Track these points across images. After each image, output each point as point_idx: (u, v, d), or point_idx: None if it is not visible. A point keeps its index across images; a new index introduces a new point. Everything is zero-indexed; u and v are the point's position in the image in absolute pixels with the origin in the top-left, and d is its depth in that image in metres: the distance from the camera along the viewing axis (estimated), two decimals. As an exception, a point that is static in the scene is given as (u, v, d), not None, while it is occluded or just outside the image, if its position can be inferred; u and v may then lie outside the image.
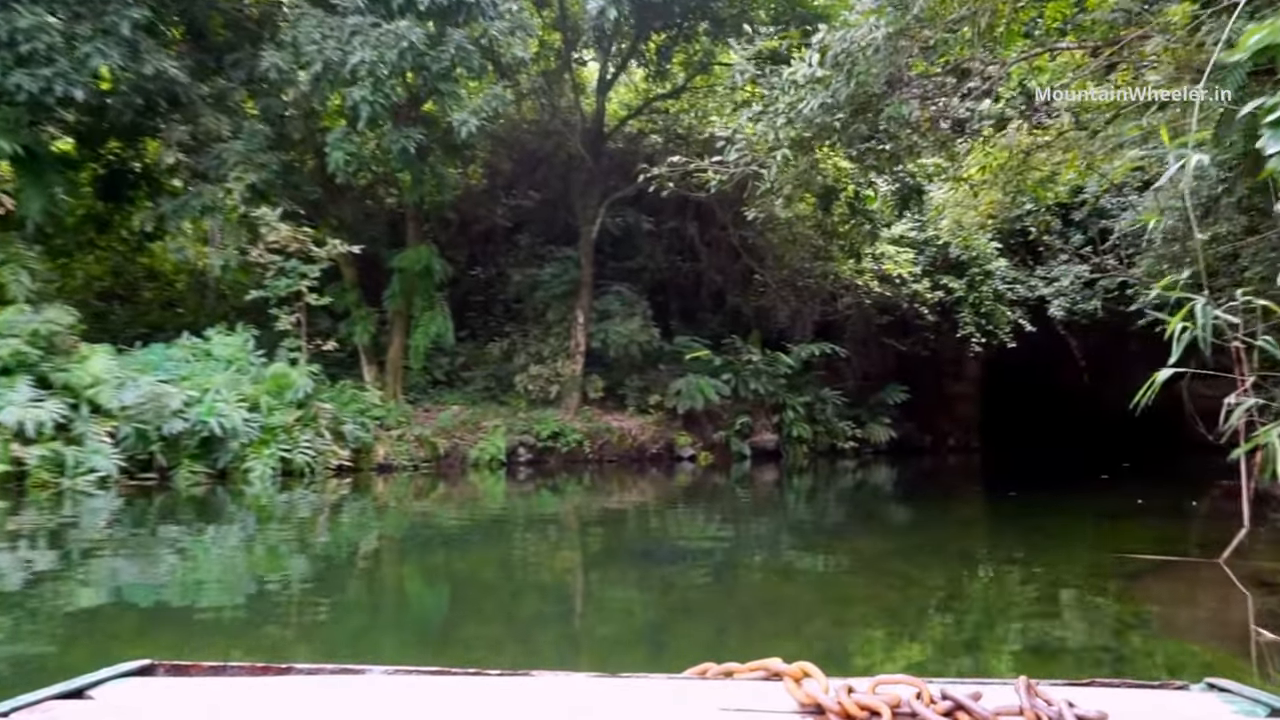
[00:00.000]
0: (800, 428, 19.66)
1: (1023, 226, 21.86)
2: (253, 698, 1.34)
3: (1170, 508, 12.19)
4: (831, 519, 12.27)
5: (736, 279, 21.21)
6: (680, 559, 8.44)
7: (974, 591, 7.01)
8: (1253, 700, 1.37)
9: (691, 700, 1.33)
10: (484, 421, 16.03)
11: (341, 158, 12.70)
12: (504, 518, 11.64)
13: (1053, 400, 27.37)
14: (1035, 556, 8.47)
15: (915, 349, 21.70)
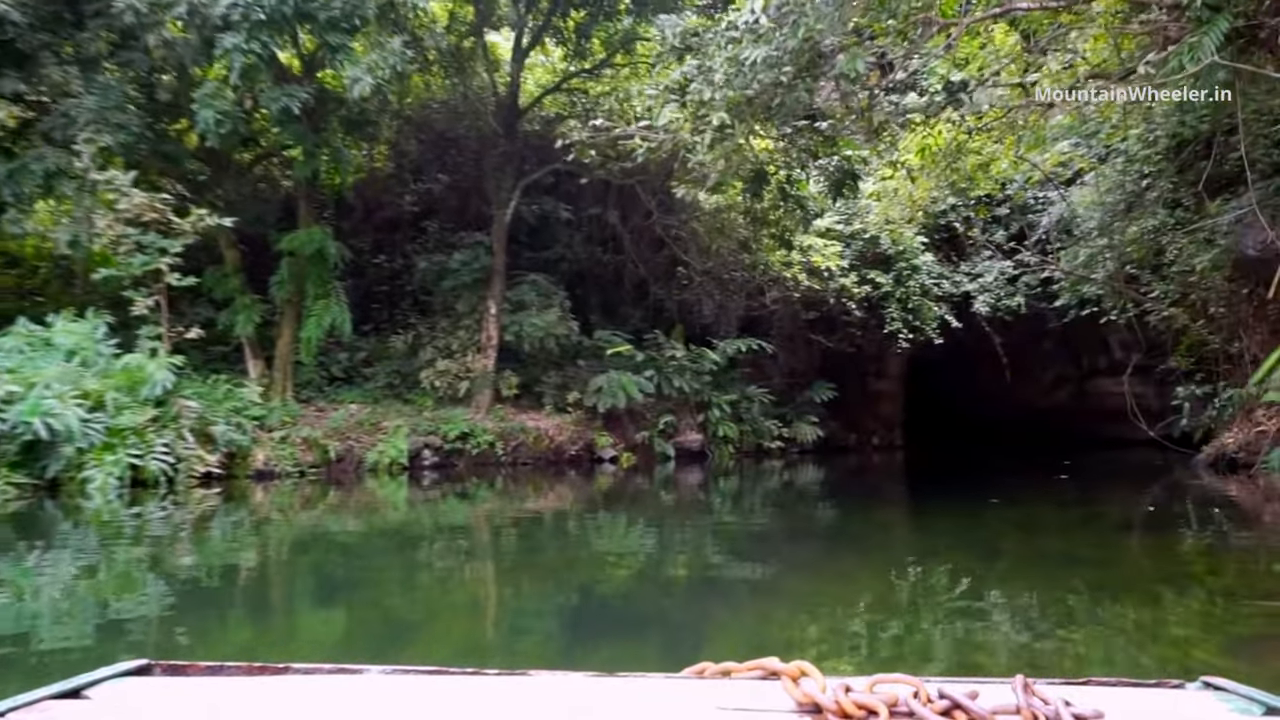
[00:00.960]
0: (726, 427, 18.32)
1: (948, 222, 21.04)
2: (250, 697, 1.29)
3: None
4: (759, 523, 10.94)
5: (660, 271, 19.76)
6: (601, 567, 7.43)
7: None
8: (1248, 699, 1.32)
9: (689, 699, 1.28)
10: (384, 422, 14.17)
11: (211, 117, 10.74)
12: (404, 529, 9.92)
13: (972, 398, 26.85)
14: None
15: (841, 345, 20.63)
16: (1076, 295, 18.02)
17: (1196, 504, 9.75)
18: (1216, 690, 1.39)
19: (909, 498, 14.46)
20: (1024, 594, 5.86)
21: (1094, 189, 17.49)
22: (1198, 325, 12.61)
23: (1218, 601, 5.49)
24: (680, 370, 18.12)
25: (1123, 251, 16.30)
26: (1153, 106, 15.85)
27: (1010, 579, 6.40)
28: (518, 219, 18.40)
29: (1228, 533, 8.08)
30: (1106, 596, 5.67)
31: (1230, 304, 11.66)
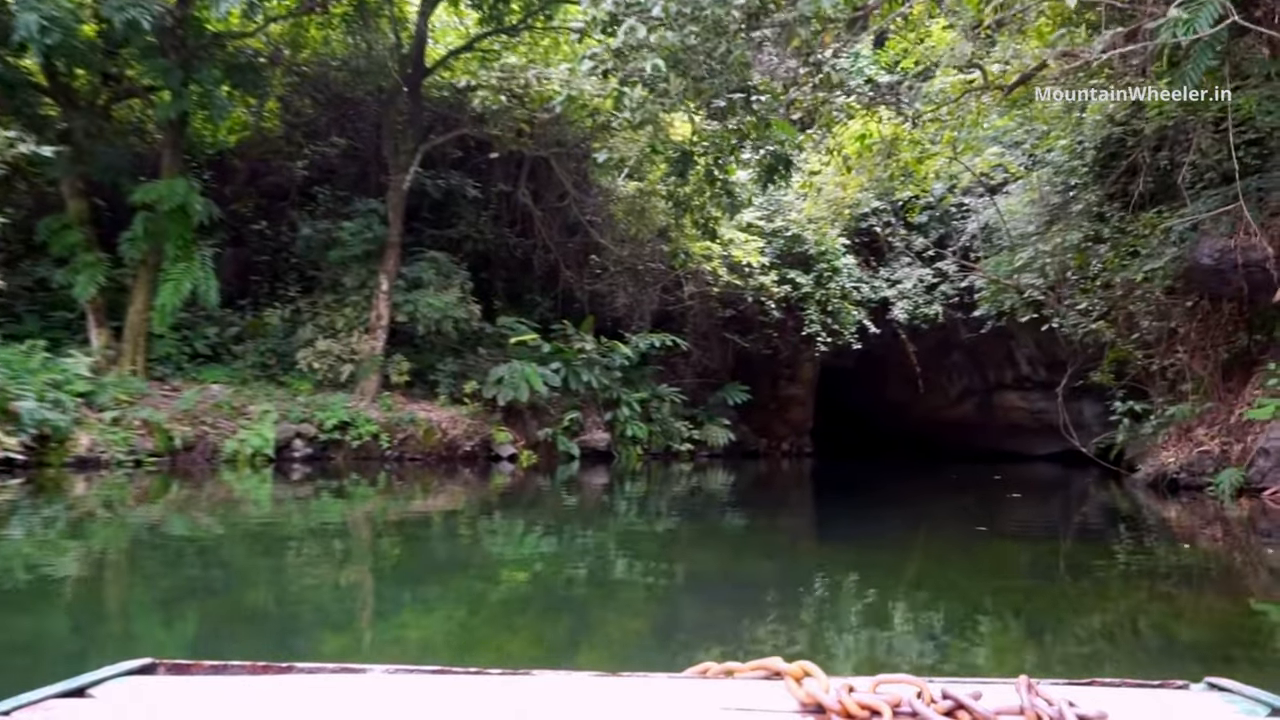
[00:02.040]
0: (635, 427, 16.91)
1: (869, 226, 20.20)
2: (253, 696, 1.28)
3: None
4: (665, 528, 9.58)
5: (573, 258, 18.21)
6: (490, 577, 6.37)
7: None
8: (1253, 699, 1.29)
9: (692, 699, 1.26)
10: (250, 406, 12.18)
11: (35, 21, 8.67)
12: (264, 531, 8.11)
13: (879, 408, 26.29)
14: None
15: (757, 346, 19.52)
16: (996, 305, 17.35)
17: (1165, 536, 8.75)
18: (1221, 691, 1.34)
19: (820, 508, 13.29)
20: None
21: (1020, 198, 16.85)
22: (1132, 339, 11.93)
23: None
24: (589, 364, 16.63)
25: (1046, 263, 15.65)
26: (1084, 116, 15.28)
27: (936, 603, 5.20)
28: (420, 192, 16.60)
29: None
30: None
31: (1167, 317, 11.00)
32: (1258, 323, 9.98)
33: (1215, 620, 4.96)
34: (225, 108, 13.05)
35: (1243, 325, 10.12)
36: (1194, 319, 10.41)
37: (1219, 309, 10.20)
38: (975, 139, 14.90)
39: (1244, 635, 4.66)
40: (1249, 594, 5.76)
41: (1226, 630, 4.72)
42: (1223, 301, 10.07)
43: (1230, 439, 9.57)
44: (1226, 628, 4.79)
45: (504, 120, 16.94)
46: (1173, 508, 9.28)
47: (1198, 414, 10.24)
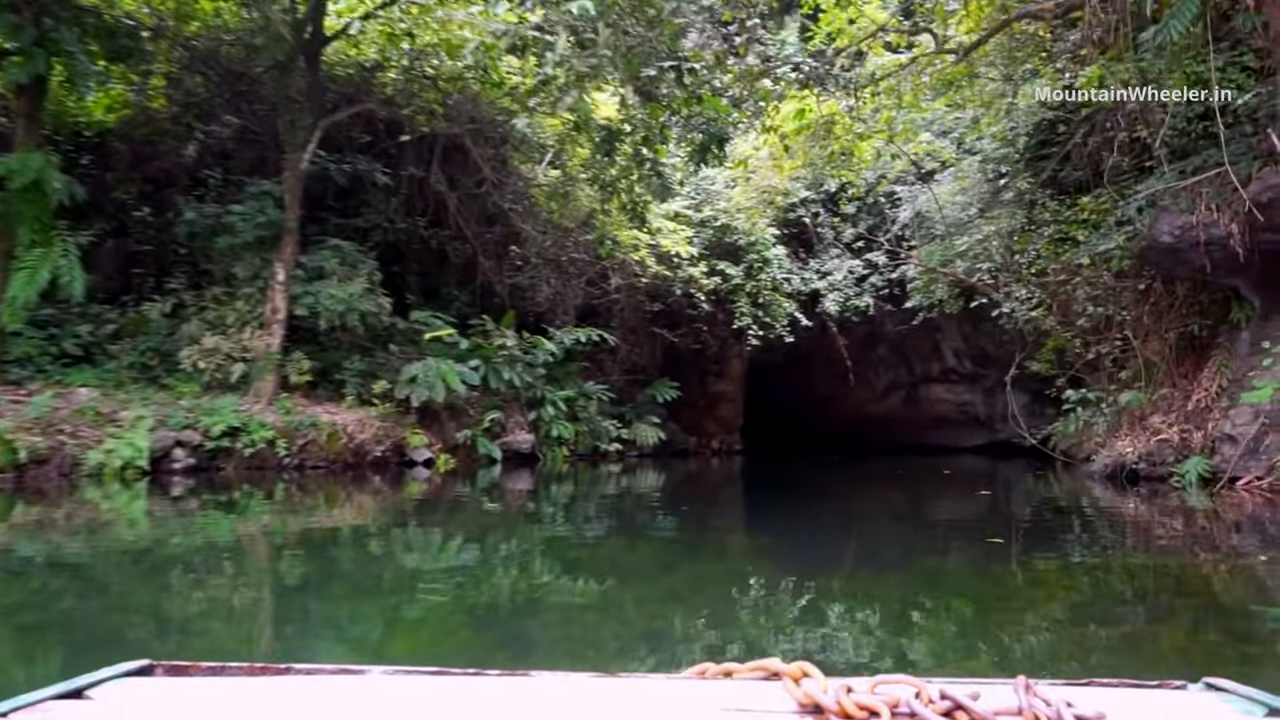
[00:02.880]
0: (560, 427, 15.79)
1: (798, 216, 19.54)
2: (252, 698, 1.25)
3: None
4: (594, 534, 8.59)
5: (492, 249, 16.97)
6: (405, 595, 5.57)
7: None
8: (1250, 700, 1.27)
9: (691, 700, 1.24)
10: (122, 412, 10.61)
11: None
12: (138, 555, 6.80)
13: (807, 403, 25.78)
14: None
15: (686, 341, 18.62)
16: (928, 296, 16.84)
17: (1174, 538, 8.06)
18: (1219, 691, 1.32)
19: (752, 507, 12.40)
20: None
21: (951, 186, 16.37)
22: (1076, 325, 11.43)
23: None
24: (510, 361, 15.44)
25: (979, 251, 15.18)
26: (1015, 103, 14.84)
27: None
28: (324, 178, 15.16)
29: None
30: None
31: (1115, 302, 10.51)
32: (1211, 305, 9.52)
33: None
34: (91, 75, 11.42)
35: (1196, 308, 9.64)
36: (1146, 302, 9.91)
37: (1172, 292, 9.72)
38: (911, 121, 14.31)
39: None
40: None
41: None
42: (1176, 284, 9.59)
43: (1189, 426, 9.07)
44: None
45: (415, 101, 15.66)
46: (1143, 501, 8.63)
47: (1153, 401, 9.73)
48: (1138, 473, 9.48)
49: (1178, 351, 9.80)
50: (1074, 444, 13.72)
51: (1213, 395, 8.96)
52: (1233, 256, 8.07)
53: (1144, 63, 7.95)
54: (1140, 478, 9.46)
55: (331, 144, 15.70)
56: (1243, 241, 7.91)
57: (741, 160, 13.60)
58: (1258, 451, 7.97)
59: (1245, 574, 5.74)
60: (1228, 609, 4.89)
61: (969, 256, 15.00)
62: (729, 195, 17.92)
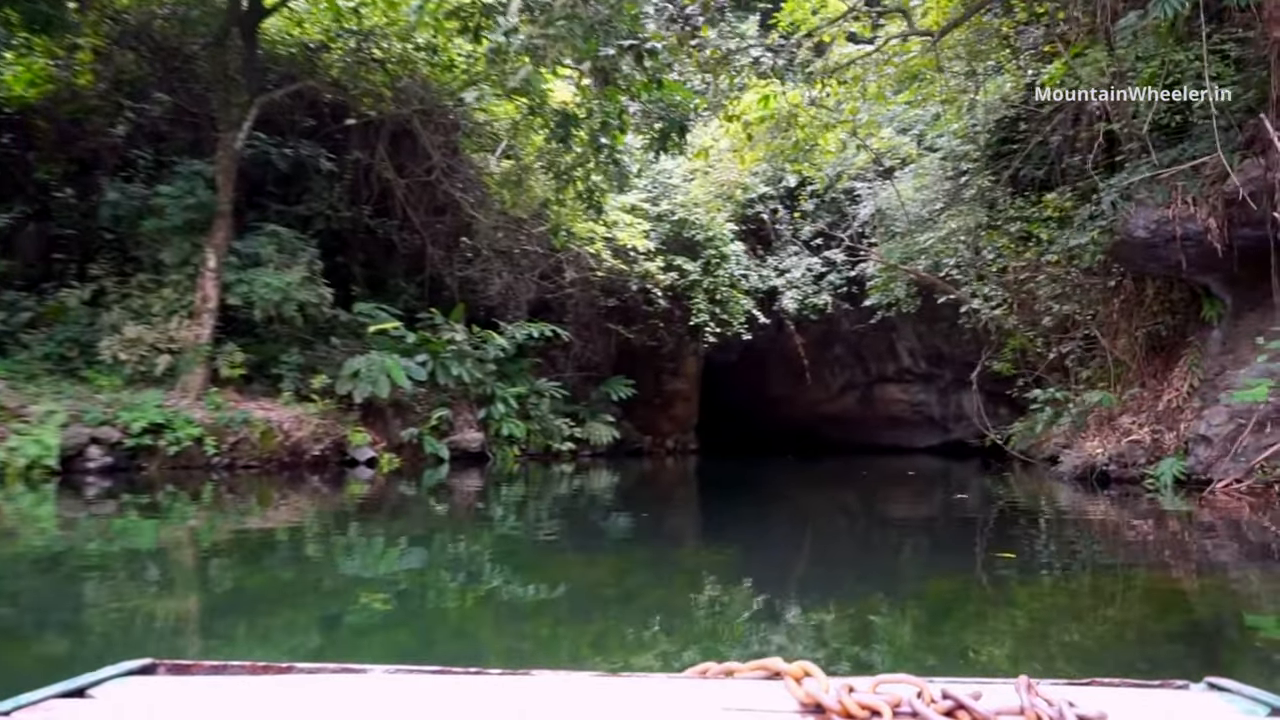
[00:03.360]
0: (511, 425, 15.14)
1: (756, 213, 19.15)
2: (254, 697, 1.24)
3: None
4: (546, 536, 8.02)
5: (441, 239, 16.24)
6: (346, 602, 5.10)
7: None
8: (1253, 700, 1.25)
9: (692, 699, 1.23)
10: (30, 406, 9.69)
11: None
12: (45, 562, 6.00)
13: (762, 403, 25.47)
14: None
15: (641, 338, 18.10)
16: (888, 294, 16.56)
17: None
18: (1221, 691, 1.31)
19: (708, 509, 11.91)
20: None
21: (911, 183, 16.10)
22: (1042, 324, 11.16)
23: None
24: (460, 356, 14.74)
25: (940, 249, 14.92)
26: (977, 99, 14.61)
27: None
28: (264, 163, 14.33)
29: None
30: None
31: (1082, 300, 10.24)
32: (1181, 303, 9.28)
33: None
34: (7, 45, 10.46)
35: (1166, 306, 9.39)
36: (1115, 300, 9.63)
37: (1142, 289, 9.46)
38: (874, 116, 13.97)
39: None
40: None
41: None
42: (1146, 281, 9.33)
43: (1160, 427, 8.79)
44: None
45: (361, 84, 14.89)
46: (1121, 506, 8.17)
47: (1123, 401, 9.45)
48: (1108, 474, 9.17)
49: (1147, 350, 9.55)
50: (1033, 445, 13.50)
51: (1184, 395, 8.71)
52: (1209, 252, 7.81)
53: (1120, 50, 7.65)
54: (1111, 479, 9.15)
55: (273, 127, 14.85)
56: (1221, 236, 7.66)
57: (702, 150, 13.11)
58: (1235, 453, 7.71)
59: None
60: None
61: (930, 254, 14.72)
62: (687, 189, 17.44)
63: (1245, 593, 5.08)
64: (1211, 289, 8.76)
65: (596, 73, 10.26)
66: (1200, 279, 8.72)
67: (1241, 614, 4.57)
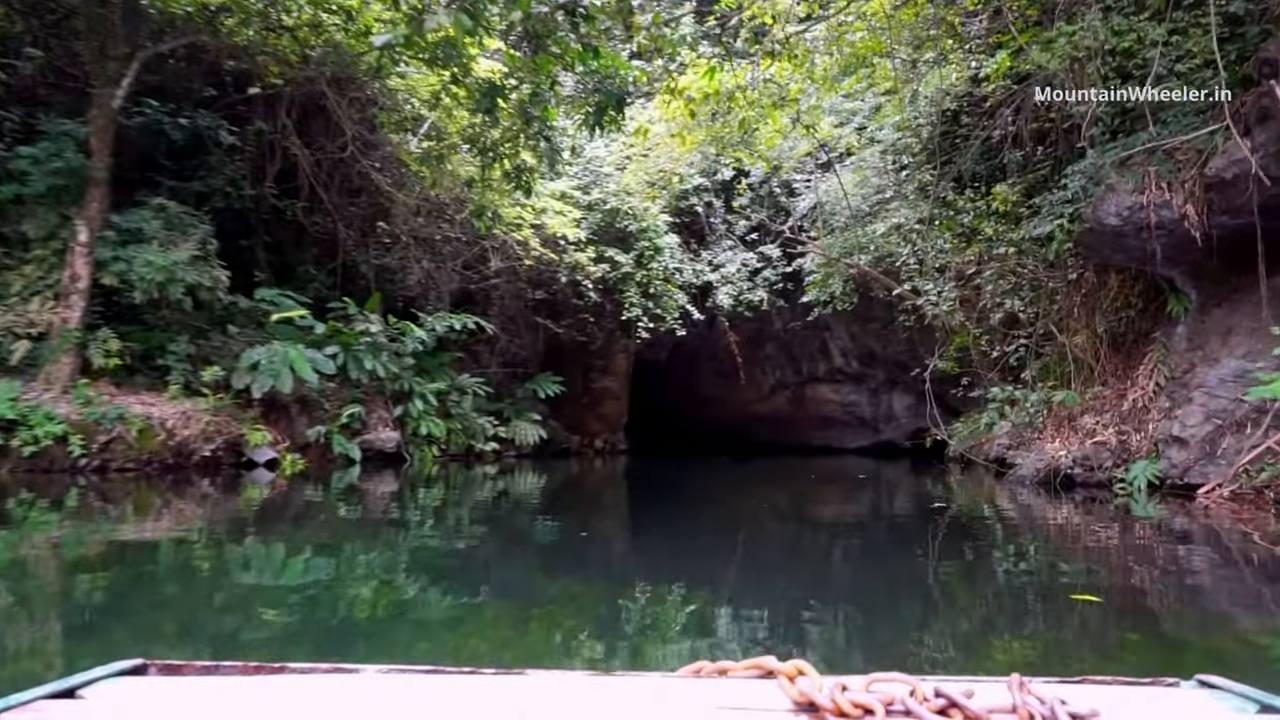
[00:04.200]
0: (430, 423, 13.92)
1: (690, 205, 18.33)
2: (246, 697, 1.21)
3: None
4: (466, 543, 6.97)
5: (356, 223, 14.92)
6: (242, 618, 4.35)
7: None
8: (1243, 697, 1.24)
9: (686, 698, 1.21)
10: None
11: None
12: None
13: (691, 402, 24.75)
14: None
15: (571, 333, 17.07)
16: (826, 290, 15.92)
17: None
18: (1211, 688, 1.30)
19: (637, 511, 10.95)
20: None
21: (851, 177, 15.49)
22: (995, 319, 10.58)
23: None
24: (374, 349, 13.46)
25: (881, 244, 14.33)
26: (919, 90, 14.06)
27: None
28: (157, 133, 12.82)
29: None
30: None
31: (1037, 295, 9.68)
32: (1143, 297, 8.75)
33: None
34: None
35: (1128, 301, 8.85)
36: (1076, 294, 9.06)
37: (1104, 282, 8.91)
38: (819, 101, 13.25)
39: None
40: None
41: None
42: (1110, 273, 8.78)
43: (1127, 428, 8.22)
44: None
45: (268, 50, 13.46)
46: (1101, 518, 7.41)
47: (1086, 400, 8.87)
48: (1073, 478, 8.56)
49: (1109, 347, 9.00)
50: (974, 446, 12.98)
51: (1150, 394, 8.17)
52: (1184, 241, 7.25)
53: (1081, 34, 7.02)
54: (1076, 483, 8.55)
55: (166, 94, 13.33)
56: (1199, 224, 7.10)
57: (641, 128, 12.16)
58: (1215, 455, 7.15)
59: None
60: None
61: (871, 249, 14.10)
62: (619, 178, 16.49)
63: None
64: (1176, 282, 8.25)
65: (527, 36, 9.20)
66: (1165, 272, 8.20)
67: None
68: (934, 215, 12.97)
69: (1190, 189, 7.09)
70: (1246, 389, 6.80)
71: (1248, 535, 6.18)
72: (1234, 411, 7.14)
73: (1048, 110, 10.78)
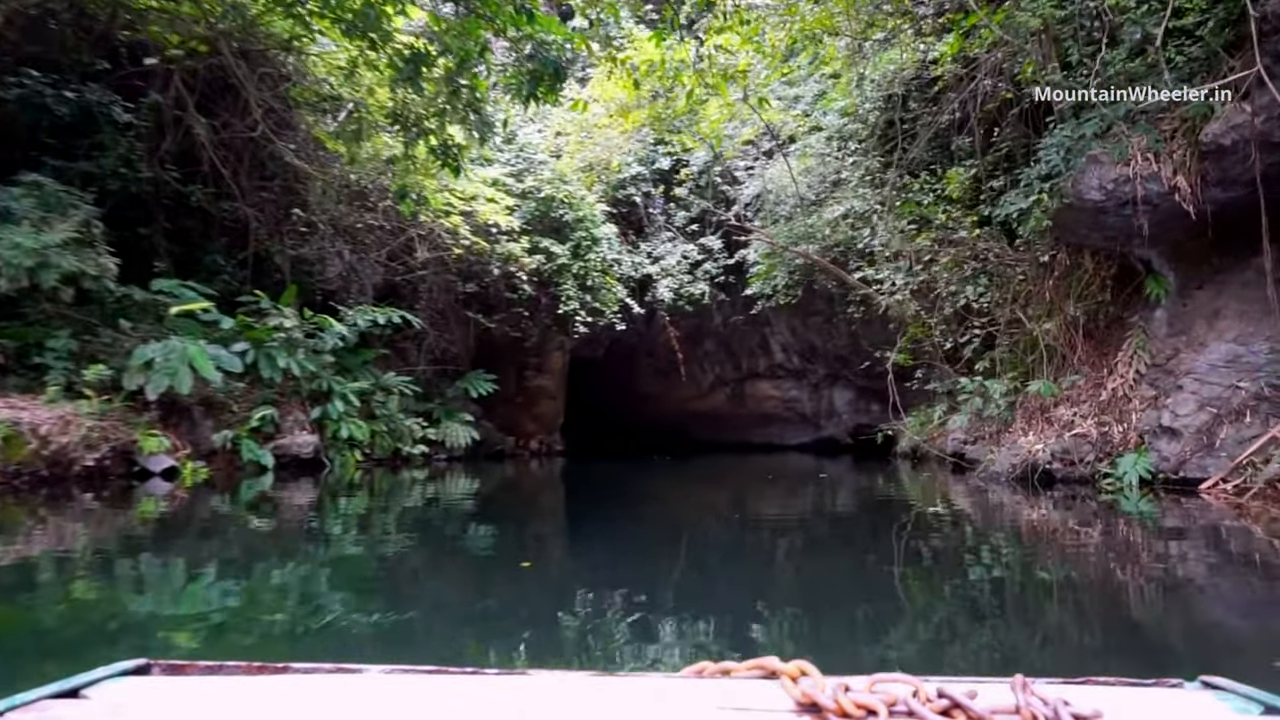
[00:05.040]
0: (352, 426, 12.71)
1: (628, 195, 17.45)
2: (249, 697, 1.20)
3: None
4: (390, 556, 5.96)
5: (269, 210, 13.58)
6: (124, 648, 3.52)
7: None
8: (1247, 698, 1.22)
9: (688, 699, 1.19)
10: None
11: None
12: None
13: (628, 401, 23.93)
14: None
15: (503, 328, 16.01)
16: (769, 283, 15.23)
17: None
18: (1215, 689, 1.28)
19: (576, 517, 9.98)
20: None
21: (797, 164, 14.83)
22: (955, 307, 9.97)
23: None
24: (289, 346, 12.20)
25: (827, 233, 13.69)
26: (865, 74, 13.48)
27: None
28: (39, 107, 11.37)
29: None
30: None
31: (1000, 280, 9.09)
32: (1117, 281, 8.19)
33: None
34: None
35: (1102, 284, 8.29)
36: (1049, 277, 8.47)
37: (1079, 264, 8.32)
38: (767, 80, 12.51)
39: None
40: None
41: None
42: (1085, 255, 8.20)
43: (1107, 418, 7.65)
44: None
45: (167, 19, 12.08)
46: (1098, 517, 6.74)
47: (1061, 390, 8.27)
48: (1053, 474, 7.94)
49: (1083, 334, 8.43)
50: (926, 441, 12.42)
51: (1130, 382, 7.62)
52: (1171, 217, 6.70)
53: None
54: (1057, 480, 7.92)
55: (50, 65, 11.86)
56: (1192, 197, 6.55)
57: (579, 103, 11.16)
58: (1213, 447, 6.59)
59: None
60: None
61: (818, 239, 13.43)
62: (555, 165, 15.50)
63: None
64: (1154, 264, 7.72)
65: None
66: (1143, 253, 7.66)
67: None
68: (890, 199, 12.35)
69: (1181, 159, 6.54)
70: (1241, 375, 6.27)
71: (1259, 532, 5.58)
72: (1230, 399, 6.62)
73: (1015, 86, 10.20)
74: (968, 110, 11.38)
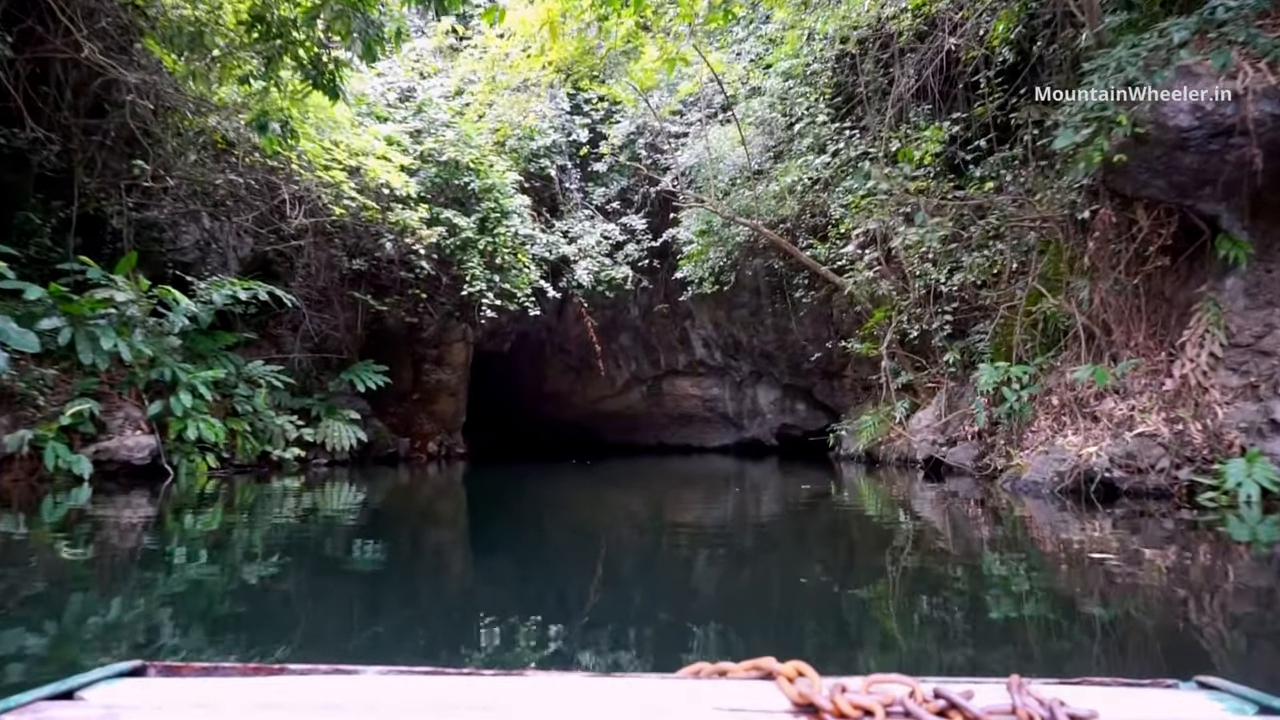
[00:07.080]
0: (203, 425, 10.08)
1: (542, 169, 15.29)
2: (246, 699, 1.16)
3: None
4: (245, 586, 3.71)
5: (102, 159, 10.77)
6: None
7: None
8: (1242, 698, 1.19)
9: (685, 699, 1.16)
10: None
11: None
12: None
13: (535, 399, 21.77)
14: None
15: (398, 312, 13.57)
16: (703, 264, 13.38)
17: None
18: (1210, 689, 1.24)
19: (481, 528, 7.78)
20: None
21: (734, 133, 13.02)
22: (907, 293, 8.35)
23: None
24: (122, 324, 9.51)
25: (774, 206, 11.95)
26: (815, 29, 11.81)
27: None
28: None
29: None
30: None
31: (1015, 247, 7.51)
32: (1175, 244, 6.58)
33: None
34: None
35: (1164, 247, 6.63)
36: (1089, 239, 6.82)
37: (1132, 219, 6.68)
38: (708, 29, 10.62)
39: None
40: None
41: None
42: (1138, 210, 6.58)
43: (1180, 414, 6.02)
44: None
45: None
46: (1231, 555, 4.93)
47: (1118, 378, 6.61)
48: (1115, 485, 6.23)
49: (1133, 309, 6.79)
50: (880, 443, 10.79)
51: (1204, 367, 6.06)
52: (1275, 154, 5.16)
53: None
54: (1122, 492, 6.23)
55: None
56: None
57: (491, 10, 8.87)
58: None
59: None
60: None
61: (763, 213, 11.64)
62: (460, 126, 13.19)
63: None
64: (1221, 222, 6.20)
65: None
66: (1208, 208, 6.14)
67: None
68: (878, 152, 10.62)
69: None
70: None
71: None
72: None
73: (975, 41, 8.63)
74: (937, 61, 9.83)
